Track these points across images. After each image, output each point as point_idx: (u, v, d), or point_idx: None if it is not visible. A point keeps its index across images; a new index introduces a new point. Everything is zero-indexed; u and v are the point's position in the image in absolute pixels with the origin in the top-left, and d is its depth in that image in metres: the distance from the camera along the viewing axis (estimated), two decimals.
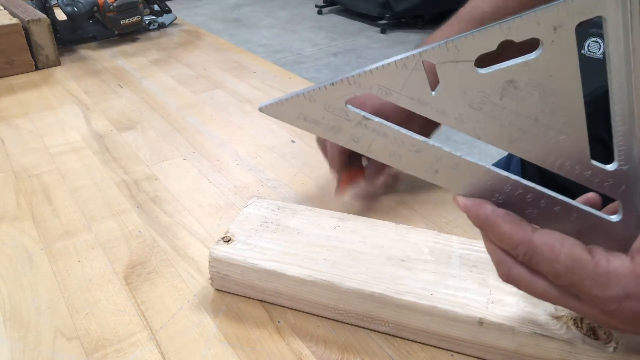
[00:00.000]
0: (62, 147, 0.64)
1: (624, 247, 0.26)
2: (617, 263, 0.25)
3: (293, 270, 0.37)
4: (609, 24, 0.23)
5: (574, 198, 0.28)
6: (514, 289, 0.29)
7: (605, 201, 0.29)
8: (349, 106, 0.27)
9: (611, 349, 0.31)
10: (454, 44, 0.24)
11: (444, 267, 0.37)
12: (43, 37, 0.89)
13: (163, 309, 0.40)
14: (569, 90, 0.25)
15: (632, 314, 0.24)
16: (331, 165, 0.50)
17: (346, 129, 0.28)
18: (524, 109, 0.25)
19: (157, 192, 0.55)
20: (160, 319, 0.39)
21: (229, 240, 0.40)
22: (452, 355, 0.36)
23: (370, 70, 0.25)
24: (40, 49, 0.89)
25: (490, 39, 0.24)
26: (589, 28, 0.55)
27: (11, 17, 0.88)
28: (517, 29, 0.23)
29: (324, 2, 4.12)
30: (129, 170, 0.59)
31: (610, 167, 0.26)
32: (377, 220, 0.43)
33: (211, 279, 0.41)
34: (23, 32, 0.87)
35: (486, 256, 0.29)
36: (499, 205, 0.28)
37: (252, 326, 0.38)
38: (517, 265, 0.27)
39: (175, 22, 1.16)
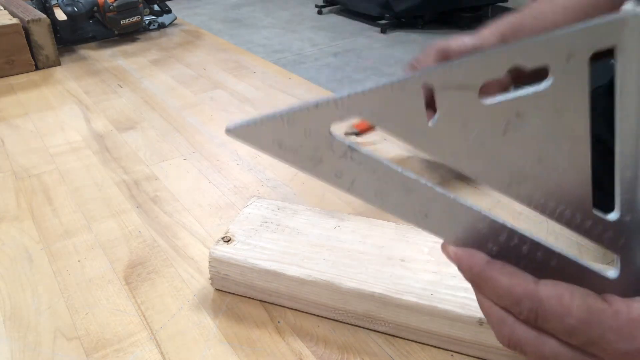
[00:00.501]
0: (62, 147, 0.64)
1: None
2: (638, 309, 0.21)
3: (293, 270, 0.37)
4: (623, 56, 0.21)
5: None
6: None
7: None
8: (334, 134, 0.23)
9: None
10: (459, 66, 0.21)
11: (444, 267, 0.37)
12: (43, 37, 0.89)
13: (163, 309, 0.40)
14: (577, 129, 0.22)
15: None
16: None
17: (328, 161, 0.24)
18: (528, 147, 0.23)
19: (157, 192, 0.55)
20: (160, 319, 0.39)
21: (229, 240, 0.40)
22: (452, 355, 0.36)
23: (363, 91, 0.22)
24: (40, 49, 0.89)
25: (499, 61, 0.21)
26: None
27: (11, 17, 0.89)
28: (527, 53, 0.21)
29: (324, 2, 4.12)
30: (129, 170, 0.59)
31: (611, 216, 0.24)
32: (377, 220, 0.43)
33: (211, 279, 0.41)
34: (23, 32, 0.87)
35: None
36: (493, 257, 0.25)
37: (252, 326, 0.38)
38: (520, 324, 0.23)
39: (175, 22, 1.16)
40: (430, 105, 0.22)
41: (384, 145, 0.63)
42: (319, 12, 4.07)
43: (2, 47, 0.85)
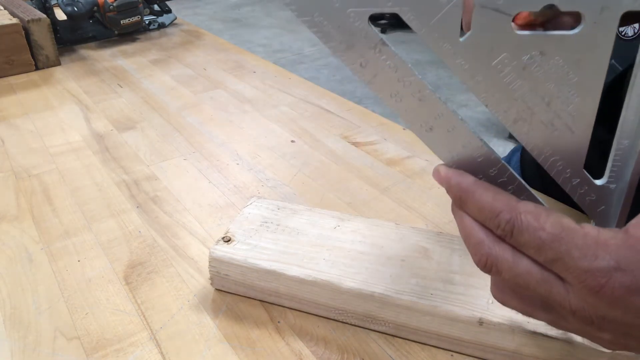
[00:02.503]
0: (62, 147, 0.64)
1: None
2: (608, 234, 0.22)
3: (293, 270, 0.37)
4: None
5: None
6: None
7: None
8: (371, 25, 0.24)
9: (611, 349, 0.31)
10: None
11: (445, 267, 0.37)
12: (43, 37, 0.89)
13: (163, 309, 0.40)
14: (591, 82, 0.24)
15: (623, 289, 0.21)
16: None
17: (359, 49, 0.25)
18: (541, 88, 0.24)
19: (157, 192, 0.55)
20: (160, 319, 0.39)
21: (229, 240, 0.40)
22: (452, 355, 0.36)
23: None
24: (40, 49, 0.89)
25: None
26: None
27: (11, 17, 0.89)
28: None
29: None
30: (129, 170, 0.59)
31: (599, 181, 0.26)
32: (377, 220, 0.43)
33: (211, 279, 0.41)
34: (23, 32, 0.87)
35: None
36: None
37: (252, 326, 0.38)
38: (498, 243, 0.24)
39: (175, 22, 1.16)
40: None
41: (384, 145, 0.63)
42: None
43: (2, 47, 0.85)
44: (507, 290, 0.26)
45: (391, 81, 0.25)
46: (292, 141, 0.65)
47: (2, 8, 0.95)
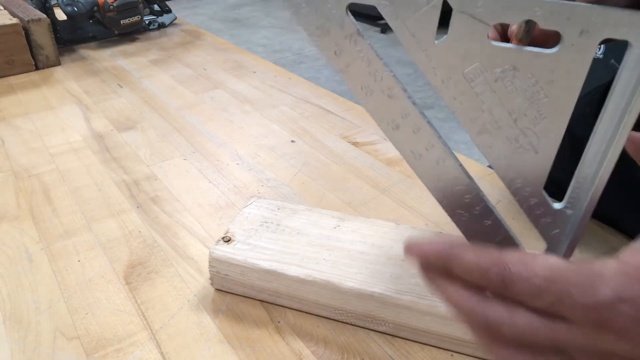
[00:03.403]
0: (62, 147, 0.64)
1: None
2: (601, 266, 0.22)
3: (293, 270, 0.37)
4: (631, 53, 0.21)
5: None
6: None
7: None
8: (349, 14, 0.25)
9: None
10: None
11: None
12: (43, 37, 0.89)
13: (163, 309, 0.40)
14: (561, 106, 0.23)
15: (630, 320, 0.21)
16: None
17: (334, 37, 0.25)
18: (510, 103, 0.24)
19: (157, 192, 0.55)
20: (160, 319, 0.39)
21: (229, 240, 0.40)
22: (452, 355, 0.36)
23: None
24: (40, 49, 0.89)
25: (516, 10, 0.22)
26: None
27: (11, 17, 0.88)
28: (546, 13, 0.21)
29: None
30: (129, 170, 0.59)
31: (556, 204, 0.25)
32: (377, 220, 0.43)
33: (211, 279, 0.41)
34: (23, 32, 0.87)
35: None
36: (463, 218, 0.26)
37: (252, 326, 0.38)
38: (490, 304, 0.24)
39: (175, 22, 1.16)
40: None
41: (384, 145, 0.63)
42: None
43: (2, 47, 0.85)
44: (512, 347, 0.25)
45: (363, 74, 0.26)
46: (292, 141, 0.65)
47: (2, 8, 0.95)
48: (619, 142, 0.23)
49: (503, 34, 0.36)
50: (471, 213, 0.27)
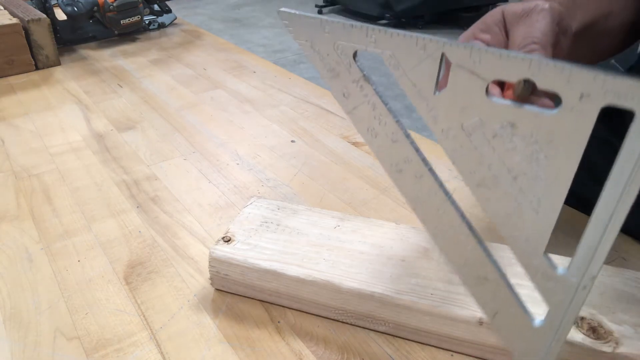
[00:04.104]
0: (62, 147, 0.64)
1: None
2: None
3: (293, 270, 0.37)
4: (637, 124, 0.20)
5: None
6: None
7: None
8: (358, 61, 0.26)
9: (611, 349, 0.31)
10: (479, 53, 0.22)
11: (445, 267, 0.37)
12: (43, 37, 0.89)
13: (163, 309, 0.40)
14: (563, 168, 0.22)
15: None
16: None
17: (343, 80, 0.26)
18: (509, 160, 0.23)
19: (157, 192, 0.55)
20: (160, 319, 0.39)
21: (229, 240, 0.40)
22: (452, 355, 0.36)
23: (391, 32, 0.23)
24: (40, 48, 0.89)
25: (514, 70, 0.21)
26: None
27: (11, 17, 0.89)
28: (545, 74, 0.20)
29: (324, 2, 4.12)
30: (129, 170, 0.59)
31: (559, 270, 0.24)
32: (377, 220, 0.43)
33: (211, 279, 0.41)
34: (23, 32, 0.87)
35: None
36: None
37: (252, 326, 0.38)
38: None
39: (175, 22, 1.17)
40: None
41: None
42: (319, 12, 4.07)
43: (2, 47, 0.85)
44: None
45: (369, 117, 0.26)
46: (292, 141, 0.65)
47: (2, 8, 0.95)
48: (622, 211, 0.21)
49: (502, 83, 0.37)
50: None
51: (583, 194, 0.36)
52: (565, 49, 0.33)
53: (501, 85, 0.33)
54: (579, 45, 0.35)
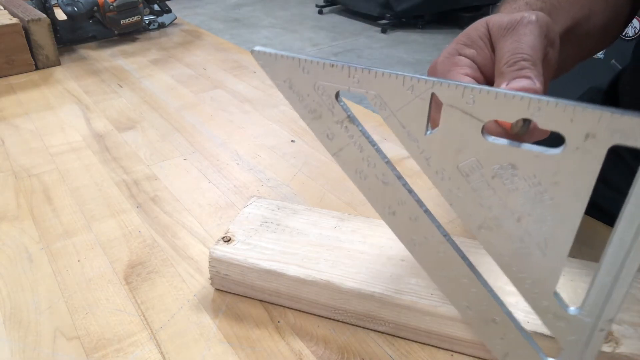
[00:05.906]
0: (62, 147, 0.64)
1: None
2: None
3: (293, 270, 0.37)
4: None
5: None
6: (514, 289, 0.28)
7: None
8: (341, 101, 0.24)
9: (611, 349, 0.31)
10: (472, 92, 0.20)
11: None
12: (43, 37, 0.89)
13: (163, 309, 0.40)
14: (569, 209, 0.21)
15: None
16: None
17: (326, 121, 0.24)
18: (512, 202, 0.22)
19: (157, 192, 0.55)
20: (160, 319, 0.39)
21: (229, 240, 0.40)
22: (452, 355, 0.36)
23: (375, 72, 0.22)
24: (40, 48, 0.89)
25: (512, 108, 0.20)
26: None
27: (11, 17, 0.88)
28: (546, 113, 0.19)
29: (324, 2, 4.12)
30: (129, 170, 0.59)
31: (572, 310, 0.23)
32: (377, 220, 0.43)
33: (211, 279, 0.41)
34: (23, 32, 0.87)
35: (486, 257, 0.29)
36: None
37: (252, 326, 0.38)
38: None
39: (175, 22, 1.16)
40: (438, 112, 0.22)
41: (384, 145, 0.63)
42: (320, 12, 4.07)
43: (2, 47, 0.85)
44: None
45: (356, 159, 0.25)
46: (292, 141, 0.65)
47: (2, 8, 0.95)
48: (637, 254, 0.20)
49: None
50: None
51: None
52: (554, 62, 0.31)
53: None
54: (563, 47, 0.33)
